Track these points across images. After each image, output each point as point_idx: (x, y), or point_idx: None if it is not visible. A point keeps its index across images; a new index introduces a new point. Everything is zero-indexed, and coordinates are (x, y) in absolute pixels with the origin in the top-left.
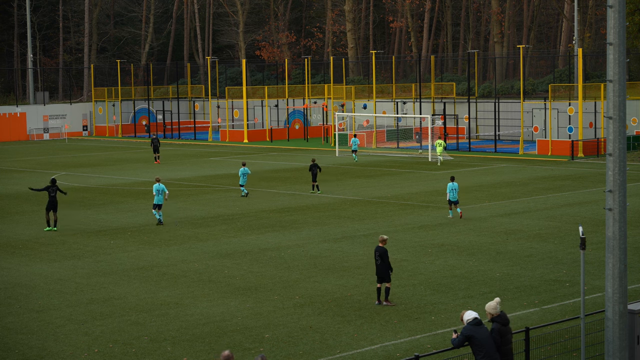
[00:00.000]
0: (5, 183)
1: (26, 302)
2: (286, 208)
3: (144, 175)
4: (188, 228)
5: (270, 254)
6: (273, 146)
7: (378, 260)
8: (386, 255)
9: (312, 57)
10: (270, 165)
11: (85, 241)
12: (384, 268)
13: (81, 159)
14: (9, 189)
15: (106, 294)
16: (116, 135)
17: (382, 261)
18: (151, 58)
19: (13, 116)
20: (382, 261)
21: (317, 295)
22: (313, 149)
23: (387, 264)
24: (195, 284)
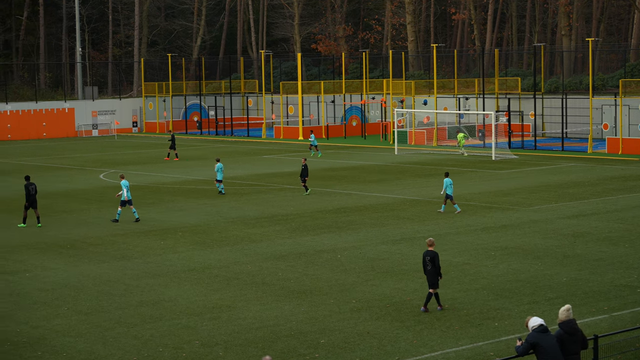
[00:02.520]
0: (53, 181)
1: (74, 304)
2: (343, 208)
3: (195, 174)
4: (241, 229)
5: (326, 256)
6: (329, 143)
7: (429, 265)
8: (437, 259)
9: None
10: (327, 164)
11: (134, 241)
12: (435, 273)
13: (131, 156)
14: (56, 187)
15: (156, 296)
16: (167, 131)
17: (433, 266)
18: (203, 52)
19: (61, 112)
20: (433, 266)
21: (375, 300)
22: (370, 147)
23: (437, 268)
24: (248, 287)
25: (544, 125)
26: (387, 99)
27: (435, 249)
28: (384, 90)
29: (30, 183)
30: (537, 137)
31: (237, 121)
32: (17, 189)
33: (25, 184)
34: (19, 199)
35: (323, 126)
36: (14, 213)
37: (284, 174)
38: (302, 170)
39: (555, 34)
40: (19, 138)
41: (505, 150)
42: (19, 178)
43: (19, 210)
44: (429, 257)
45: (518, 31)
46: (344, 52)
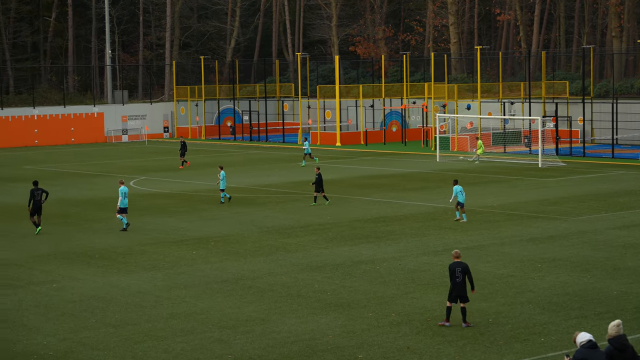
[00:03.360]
0: (81, 188)
1: (102, 316)
2: (382, 217)
3: (229, 181)
4: (276, 238)
5: (364, 267)
6: (368, 150)
7: (459, 277)
8: (469, 272)
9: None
10: (365, 171)
11: (165, 251)
12: (464, 285)
13: (162, 162)
14: (85, 194)
15: (187, 309)
16: (199, 137)
17: (464, 278)
18: (237, 54)
19: (90, 116)
20: (464, 278)
21: (415, 313)
22: (411, 153)
23: (471, 281)
24: (283, 299)
25: (593, 131)
26: (428, 103)
27: (479, 261)
28: (426, 94)
29: (38, 189)
30: (586, 143)
31: (272, 126)
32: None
33: (32, 189)
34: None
35: (361, 132)
36: (42, 222)
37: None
38: (316, 180)
39: (605, 35)
40: (46, 144)
41: (553, 158)
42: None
43: (45, 219)
44: (459, 268)
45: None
46: (384, 55)
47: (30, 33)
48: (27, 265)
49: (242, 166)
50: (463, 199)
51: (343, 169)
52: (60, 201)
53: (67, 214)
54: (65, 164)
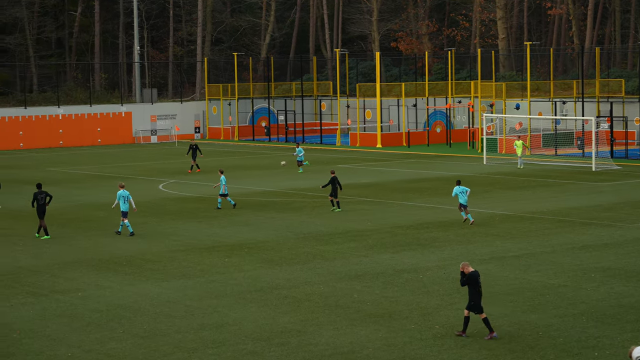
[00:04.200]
0: (108, 191)
1: (130, 326)
2: (425, 223)
3: (264, 184)
4: (313, 245)
5: (406, 276)
6: (410, 152)
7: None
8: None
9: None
10: (407, 174)
11: (196, 258)
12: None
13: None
14: (112, 198)
15: (219, 319)
16: (232, 138)
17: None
18: (272, 50)
19: (117, 116)
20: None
21: (460, 325)
22: (456, 156)
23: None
24: (320, 309)
25: None
26: (475, 102)
27: (529, 270)
28: (472, 93)
29: (41, 192)
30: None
31: (309, 127)
32: (67, 200)
33: (36, 192)
34: (69, 211)
35: (404, 132)
36: (66, 227)
37: (361, 186)
38: (331, 183)
39: None
40: (71, 144)
41: (607, 160)
42: (71, 188)
43: (70, 224)
44: (480, 277)
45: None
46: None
47: (55, 28)
48: (50, 273)
49: (276, 169)
50: (464, 200)
51: (384, 172)
52: (86, 205)
53: (93, 218)
54: (91, 166)
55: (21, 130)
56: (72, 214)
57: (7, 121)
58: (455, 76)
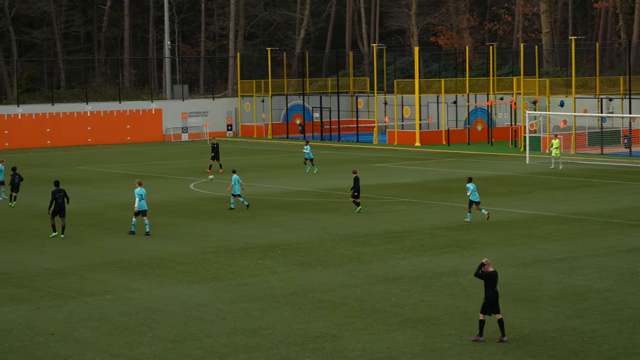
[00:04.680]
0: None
1: (160, 330)
2: (466, 225)
3: (298, 184)
4: (349, 247)
5: (445, 280)
6: (450, 151)
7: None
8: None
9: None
10: (447, 174)
11: (228, 260)
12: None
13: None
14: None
15: (252, 323)
16: (265, 136)
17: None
18: (307, 45)
19: (147, 113)
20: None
21: (497, 332)
22: (498, 155)
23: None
24: (357, 314)
25: None
26: (517, 99)
27: (573, 274)
28: (514, 89)
29: (59, 190)
30: None
31: (345, 124)
32: (96, 199)
33: (54, 190)
34: (97, 211)
35: (443, 130)
36: (95, 227)
37: (399, 185)
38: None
39: None
40: (99, 142)
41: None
42: (99, 188)
43: (99, 224)
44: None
45: None
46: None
47: (83, 22)
48: (78, 275)
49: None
50: (476, 198)
51: (422, 172)
52: (115, 205)
53: (122, 218)
54: (120, 164)
55: (48, 128)
56: (101, 214)
57: (34, 118)
58: (497, 72)
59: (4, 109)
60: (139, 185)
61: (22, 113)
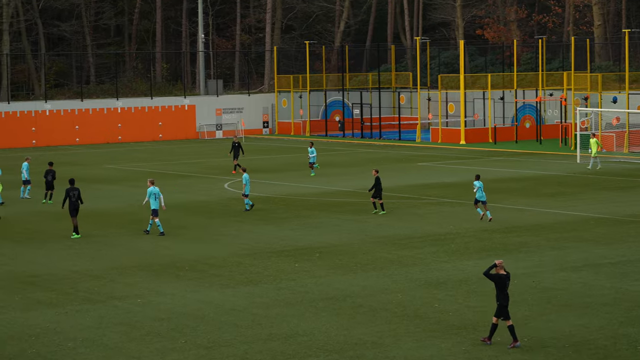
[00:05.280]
0: (169, 191)
1: (193, 335)
2: (512, 227)
3: (338, 184)
4: (390, 250)
5: (492, 285)
6: (497, 149)
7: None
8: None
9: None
10: (494, 174)
11: (264, 263)
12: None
13: (260, 162)
14: (174, 197)
15: (289, 329)
16: (303, 133)
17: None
18: (347, 39)
19: (180, 109)
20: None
21: (551, 338)
22: (547, 153)
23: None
24: (398, 320)
25: None
26: (567, 95)
27: (626, 279)
28: (565, 85)
29: (74, 188)
30: None
31: (386, 121)
32: (126, 200)
33: (67, 188)
34: (128, 212)
35: (490, 128)
36: (125, 228)
37: (443, 185)
38: (374, 184)
39: None
40: (130, 140)
41: None
42: (129, 187)
43: (129, 225)
44: (509, 281)
45: None
46: (516, 39)
47: (113, 15)
48: (108, 278)
49: (351, 167)
50: (483, 197)
51: (468, 171)
52: (146, 206)
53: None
54: (152, 163)
55: (77, 125)
56: (131, 215)
57: (63, 115)
58: (546, 67)
59: (32, 105)
60: (152, 184)
61: (50, 109)
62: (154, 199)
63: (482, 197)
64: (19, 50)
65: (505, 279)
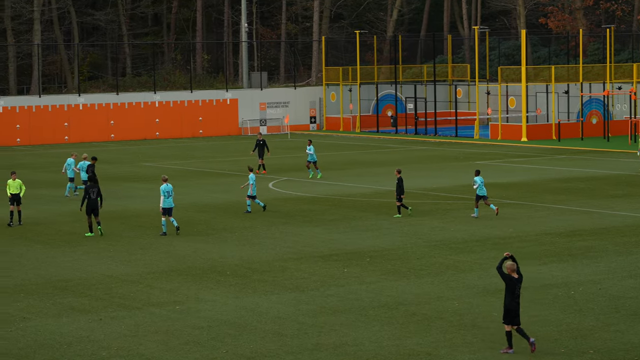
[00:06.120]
0: (211, 190)
1: (234, 345)
2: (578, 230)
3: (389, 183)
4: (445, 254)
5: (555, 292)
6: (561, 147)
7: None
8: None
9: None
10: (557, 173)
11: (310, 268)
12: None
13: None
14: (215, 198)
15: (337, 339)
16: (353, 129)
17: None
18: (400, 28)
19: (222, 103)
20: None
21: (620, 350)
22: (615, 151)
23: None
24: (454, 329)
25: None
26: (637, 89)
27: None
28: (634, 77)
29: (93, 185)
30: None
31: (442, 117)
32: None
33: (87, 186)
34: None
35: (553, 124)
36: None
37: (502, 186)
38: (397, 184)
39: None
40: (168, 136)
41: None
42: None
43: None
44: (520, 284)
45: None
46: (582, 29)
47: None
48: (144, 283)
49: (403, 165)
50: (483, 192)
51: (529, 170)
52: (185, 206)
53: (193, 221)
54: (192, 160)
55: (112, 120)
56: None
57: (97, 109)
58: (614, 58)
59: (64, 99)
60: (165, 182)
61: (84, 103)
62: (167, 196)
63: (483, 193)
64: (51, 41)
65: (516, 282)
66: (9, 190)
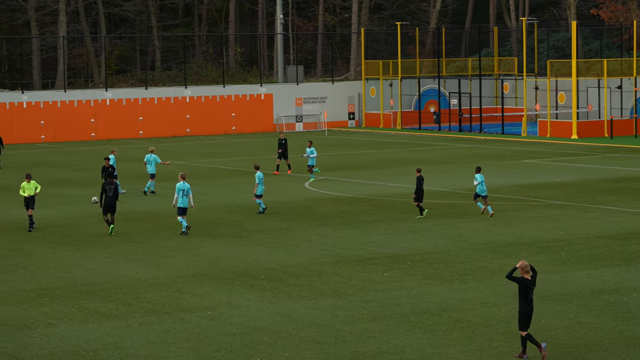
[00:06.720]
0: (243, 190)
1: (269, 353)
2: (631, 233)
3: (431, 183)
4: (491, 258)
5: (607, 299)
6: (614, 144)
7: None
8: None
9: None
10: (610, 172)
11: (349, 272)
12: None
13: (345, 158)
14: (248, 198)
15: (376, 347)
16: (393, 126)
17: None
18: (444, 20)
19: (256, 98)
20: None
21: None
22: None
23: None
24: (501, 337)
25: None
26: None
27: None
28: None
29: (111, 182)
30: None
31: (487, 113)
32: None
33: (104, 182)
34: (197, 214)
35: (605, 120)
36: (194, 232)
37: (551, 186)
38: (417, 185)
39: None
40: (200, 133)
41: None
42: (199, 186)
43: (198, 229)
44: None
45: None
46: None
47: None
48: (174, 287)
49: (447, 164)
50: (483, 191)
51: (580, 169)
52: (217, 206)
53: (225, 222)
54: (224, 158)
55: (141, 116)
56: (201, 216)
57: (125, 104)
58: None
59: (91, 94)
60: (183, 179)
61: (111, 98)
62: (181, 195)
63: (483, 192)
64: (77, 33)
65: (530, 284)
66: (24, 193)
